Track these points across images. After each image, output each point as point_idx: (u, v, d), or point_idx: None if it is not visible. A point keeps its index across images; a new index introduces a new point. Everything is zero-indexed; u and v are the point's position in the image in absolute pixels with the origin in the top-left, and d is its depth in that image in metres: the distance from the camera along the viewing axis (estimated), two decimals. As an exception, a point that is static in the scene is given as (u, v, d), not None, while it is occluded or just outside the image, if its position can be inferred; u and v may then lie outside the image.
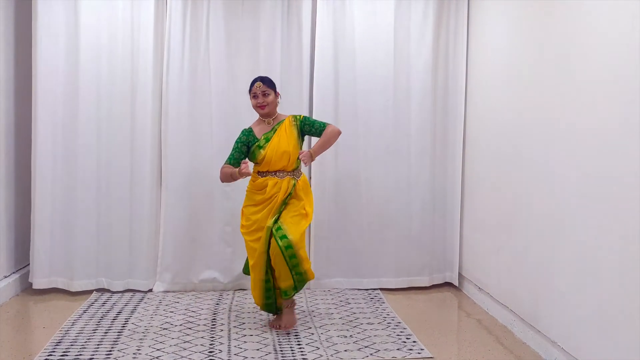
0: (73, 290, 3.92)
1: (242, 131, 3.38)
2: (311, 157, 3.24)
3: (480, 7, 4.00)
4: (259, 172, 3.34)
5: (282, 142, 3.29)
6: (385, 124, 4.13)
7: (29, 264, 4.01)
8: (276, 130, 3.33)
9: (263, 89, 3.31)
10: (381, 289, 4.14)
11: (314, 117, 4.08)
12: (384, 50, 4.10)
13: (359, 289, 4.13)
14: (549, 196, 3.03)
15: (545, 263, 3.06)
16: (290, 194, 3.28)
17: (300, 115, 3.40)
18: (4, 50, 3.79)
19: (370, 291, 4.10)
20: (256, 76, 3.46)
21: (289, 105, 4.08)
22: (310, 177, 4.13)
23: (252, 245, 3.28)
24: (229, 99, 4.07)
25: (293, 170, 3.34)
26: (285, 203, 3.28)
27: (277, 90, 3.43)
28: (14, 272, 3.95)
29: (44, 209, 3.89)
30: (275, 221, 3.21)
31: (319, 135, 3.36)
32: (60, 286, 3.94)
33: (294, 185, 3.30)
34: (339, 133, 3.37)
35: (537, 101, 3.17)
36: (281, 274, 3.18)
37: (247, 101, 4.06)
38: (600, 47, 2.62)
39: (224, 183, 3.41)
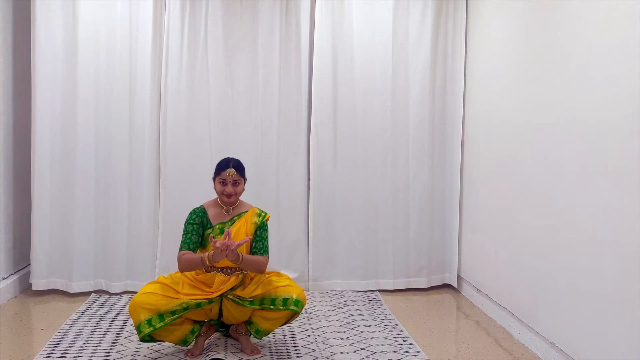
0: (72, 291, 3.92)
1: (194, 211, 2.93)
2: (237, 257, 2.74)
3: (479, 8, 3.99)
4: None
5: (237, 239, 2.82)
6: (383, 124, 4.13)
7: (27, 265, 4.02)
8: (234, 222, 2.94)
9: (235, 177, 2.89)
10: (379, 291, 4.14)
11: (313, 117, 4.08)
12: (383, 50, 4.09)
13: (357, 291, 4.13)
14: (548, 197, 3.02)
15: (544, 264, 3.05)
16: (233, 287, 2.88)
17: (266, 216, 2.99)
18: (2, 51, 3.79)
19: (368, 293, 4.10)
20: (226, 157, 3.02)
21: (288, 109, 4.10)
22: (308, 179, 4.13)
23: (147, 290, 2.83)
24: (227, 99, 4.07)
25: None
26: (221, 296, 2.87)
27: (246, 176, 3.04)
28: (12, 274, 3.96)
29: (43, 210, 3.90)
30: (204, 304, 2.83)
31: (253, 252, 2.93)
32: (59, 287, 3.95)
33: (242, 279, 2.92)
34: (262, 272, 2.92)
35: (536, 101, 3.17)
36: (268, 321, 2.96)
37: (245, 100, 4.08)
38: (598, 47, 2.61)
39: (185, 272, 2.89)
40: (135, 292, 3.92)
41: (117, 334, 3.25)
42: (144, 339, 2.81)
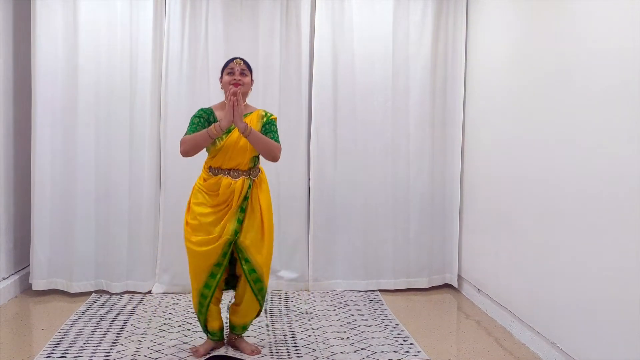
0: (72, 291, 3.92)
1: (201, 109, 2.94)
2: (246, 127, 2.74)
3: (479, 7, 3.99)
4: (210, 169, 2.92)
5: (243, 142, 2.85)
6: (383, 124, 4.13)
7: (28, 266, 4.02)
8: None
9: (242, 67, 2.91)
10: (380, 291, 4.14)
11: (313, 118, 4.08)
12: (383, 50, 4.09)
13: (357, 291, 4.13)
14: (548, 197, 3.02)
15: (544, 264, 3.05)
16: (247, 197, 2.88)
17: (272, 116, 2.98)
18: (3, 51, 3.80)
19: (369, 293, 4.10)
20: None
21: (288, 109, 4.10)
22: (309, 179, 4.13)
23: (194, 248, 2.86)
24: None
25: (249, 170, 2.92)
26: (243, 210, 2.88)
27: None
28: (13, 274, 3.96)
29: (44, 210, 3.90)
30: (235, 233, 2.85)
31: None
32: (59, 287, 3.95)
33: (250, 186, 2.90)
34: (276, 157, 2.88)
35: (536, 102, 3.17)
36: (246, 307, 2.95)
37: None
38: (599, 47, 2.61)
39: (188, 157, 2.86)
40: (136, 292, 3.97)
41: (117, 334, 3.25)
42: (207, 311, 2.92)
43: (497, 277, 3.64)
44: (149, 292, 4.01)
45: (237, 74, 2.90)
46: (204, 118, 2.89)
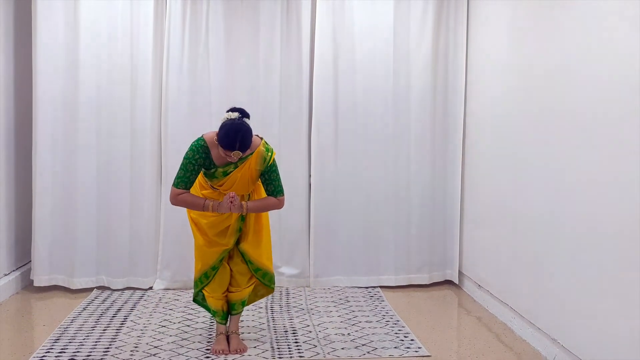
0: (73, 287, 3.93)
1: (197, 149, 2.76)
2: (241, 209, 2.77)
3: (480, 5, 3.98)
4: (210, 185, 2.92)
5: (241, 183, 2.83)
6: (384, 122, 4.12)
7: (29, 262, 4.03)
8: (238, 166, 2.81)
9: (242, 156, 2.76)
10: (381, 287, 4.13)
11: (314, 117, 4.07)
12: (384, 48, 4.08)
13: (358, 287, 4.12)
14: (548, 194, 3.01)
15: (544, 260, 3.04)
16: (243, 217, 2.92)
17: (271, 158, 2.84)
18: (4, 50, 3.80)
19: (370, 289, 4.09)
20: (233, 129, 2.67)
21: (289, 106, 4.09)
22: (309, 175, 4.13)
23: (202, 245, 2.92)
24: (228, 98, 4.05)
25: (242, 196, 2.92)
26: (243, 219, 2.93)
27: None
28: (14, 270, 3.96)
29: (45, 206, 3.91)
30: (237, 242, 2.94)
31: (268, 194, 2.91)
32: (60, 284, 3.96)
33: (248, 198, 2.94)
34: (279, 207, 2.92)
35: (536, 99, 3.16)
36: (239, 276, 2.98)
37: (246, 100, 4.05)
38: (600, 46, 2.60)
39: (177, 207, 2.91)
40: (138, 288, 3.98)
41: (117, 329, 3.25)
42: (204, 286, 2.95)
43: (497, 273, 3.63)
44: (150, 288, 4.01)
45: (233, 157, 2.72)
46: (199, 164, 2.78)
